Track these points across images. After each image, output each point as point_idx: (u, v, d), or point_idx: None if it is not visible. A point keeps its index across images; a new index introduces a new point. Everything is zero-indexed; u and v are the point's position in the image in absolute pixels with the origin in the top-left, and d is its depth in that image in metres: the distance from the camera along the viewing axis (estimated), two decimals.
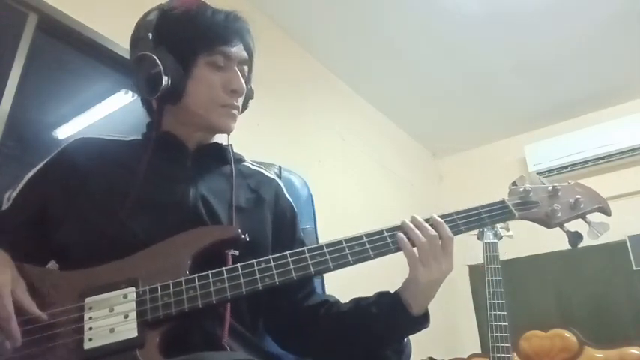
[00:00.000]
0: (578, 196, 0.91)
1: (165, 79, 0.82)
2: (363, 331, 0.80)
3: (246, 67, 0.92)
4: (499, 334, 1.79)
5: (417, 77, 3.23)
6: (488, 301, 1.86)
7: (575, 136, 3.36)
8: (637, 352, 2.20)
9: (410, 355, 0.85)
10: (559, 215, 0.89)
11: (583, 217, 0.92)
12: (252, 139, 2.26)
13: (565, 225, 0.91)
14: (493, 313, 1.83)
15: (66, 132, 2.01)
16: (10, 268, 0.70)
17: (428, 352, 2.64)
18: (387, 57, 3.04)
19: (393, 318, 0.78)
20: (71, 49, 1.87)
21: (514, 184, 0.93)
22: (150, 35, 0.85)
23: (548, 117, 3.60)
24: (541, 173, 2.80)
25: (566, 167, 3.31)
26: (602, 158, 3.25)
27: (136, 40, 0.88)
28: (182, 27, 0.86)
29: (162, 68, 0.82)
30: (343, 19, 2.75)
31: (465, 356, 2.66)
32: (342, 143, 3.08)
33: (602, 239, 3.16)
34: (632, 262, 3.05)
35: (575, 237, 0.89)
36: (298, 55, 2.94)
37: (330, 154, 2.94)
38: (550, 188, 0.91)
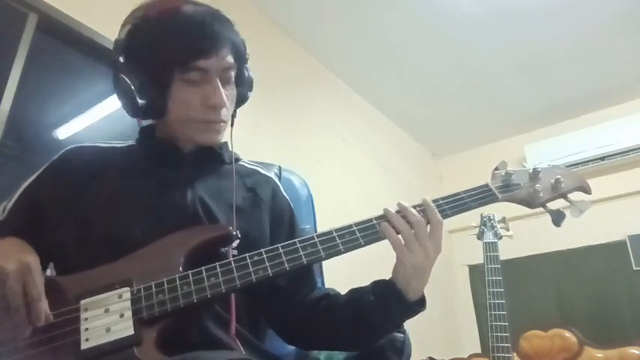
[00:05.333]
0: (558, 177, 0.93)
1: (140, 103, 0.81)
2: (361, 320, 0.81)
3: (232, 72, 0.86)
4: (499, 334, 1.79)
5: (417, 77, 3.23)
6: (488, 301, 1.86)
7: (575, 136, 3.36)
8: (637, 352, 2.20)
9: (410, 355, 0.86)
10: (541, 195, 0.91)
11: (564, 196, 0.94)
12: (252, 139, 2.26)
13: (547, 204, 0.93)
14: (493, 313, 1.83)
15: (66, 132, 2.01)
16: (36, 256, 0.73)
17: (428, 352, 2.64)
18: (387, 57, 3.04)
19: (388, 303, 0.78)
20: (71, 49, 1.87)
21: (496, 168, 0.94)
22: (122, 57, 0.83)
23: (548, 117, 3.60)
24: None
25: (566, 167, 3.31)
26: (602, 158, 3.25)
27: (113, 61, 0.85)
28: (153, 44, 0.81)
29: (136, 92, 0.80)
30: (343, 19, 2.75)
31: (465, 356, 2.66)
32: (342, 143, 3.08)
33: (602, 239, 3.16)
34: (632, 262, 3.05)
35: (558, 215, 0.91)
36: (298, 55, 2.95)
37: (330, 154, 2.94)
38: (531, 170, 0.93)
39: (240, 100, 0.93)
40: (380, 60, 3.06)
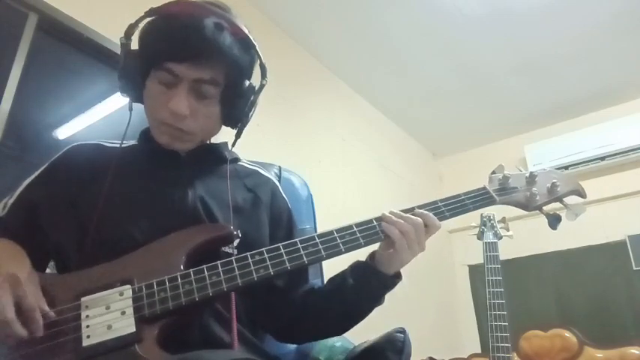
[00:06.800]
0: (554, 181, 0.95)
1: (119, 83, 0.85)
2: (346, 305, 0.85)
3: (210, 87, 0.82)
4: (499, 334, 1.79)
5: (417, 77, 3.23)
6: (488, 301, 1.86)
7: (575, 136, 3.36)
8: (637, 352, 2.20)
9: (410, 355, 0.85)
10: (537, 199, 0.94)
11: (560, 199, 0.96)
12: (252, 139, 2.26)
13: (544, 208, 0.95)
14: (493, 313, 1.83)
15: (66, 132, 2.01)
16: (27, 263, 0.73)
17: (428, 352, 2.64)
18: (387, 57, 3.04)
19: (369, 285, 0.84)
20: (71, 49, 1.87)
21: (493, 172, 0.97)
22: (123, 39, 0.86)
23: (548, 117, 3.60)
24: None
25: (566, 167, 3.31)
26: (602, 158, 3.25)
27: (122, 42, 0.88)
28: (145, 34, 0.84)
29: (121, 70, 0.85)
30: (343, 19, 2.75)
31: (465, 356, 2.66)
32: (342, 143, 3.08)
33: (602, 239, 3.15)
34: (632, 262, 3.05)
35: (554, 219, 0.94)
36: (298, 55, 2.95)
37: (330, 154, 2.94)
38: (528, 174, 0.96)
39: (233, 119, 0.89)
40: (380, 60, 3.06)
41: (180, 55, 0.79)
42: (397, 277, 0.86)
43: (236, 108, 0.87)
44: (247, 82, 0.88)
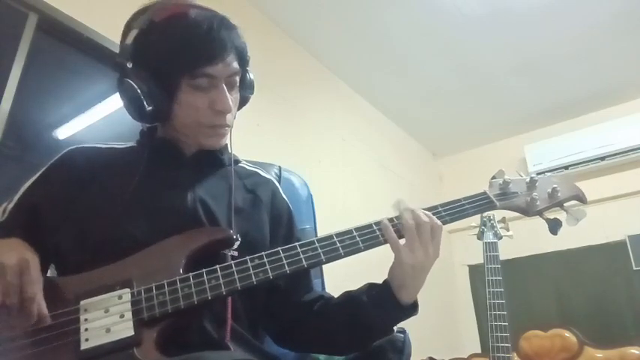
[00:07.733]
0: (555, 186, 0.95)
1: (147, 107, 0.81)
2: (354, 322, 0.82)
3: (237, 77, 0.87)
4: (499, 334, 1.79)
5: (417, 77, 3.23)
6: (488, 301, 1.86)
7: (575, 136, 3.36)
8: (637, 352, 2.20)
9: (410, 355, 0.86)
10: (538, 204, 0.93)
11: (561, 205, 0.96)
12: (252, 139, 2.26)
13: (544, 213, 0.95)
14: (493, 313, 1.83)
15: (66, 132, 2.01)
16: (36, 259, 0.73)
17: (428, 352, 2.64)
18: (387, 57, 3.04)
19: (382, 306, 0.80)
20: (71, 49, 1.87)
21: (494, 177, 0.97)
22: (129, 62, 0.83)
23: (548, 117, 3.60)
24: (541, 173, 2.83)
25: (566, 167, 3.31)
26: (602, 158, 3.25)
27: (120, 66, 0.84)
28: (161, 50, 0.82)
29: (142, 96, 0.81)
30: (343, 19, 2.75)
31: (465, 356, 2.66)
32: (342, 143, 3.08)
33: (602, 239, 3.15)
34: (632, 262, 3.05)
35: (554, 224, 0.93)
36: (298, 55, 2.95)
37: (330, 154, 2.94)
38: (528, 179, 0.96)
39: (242, 102, 0.94)
40: (380, 60, 3.06)
41: (213, 57, 0.81)
42: (412, 308, 0.81)
43: (246, 89, 0.93)
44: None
